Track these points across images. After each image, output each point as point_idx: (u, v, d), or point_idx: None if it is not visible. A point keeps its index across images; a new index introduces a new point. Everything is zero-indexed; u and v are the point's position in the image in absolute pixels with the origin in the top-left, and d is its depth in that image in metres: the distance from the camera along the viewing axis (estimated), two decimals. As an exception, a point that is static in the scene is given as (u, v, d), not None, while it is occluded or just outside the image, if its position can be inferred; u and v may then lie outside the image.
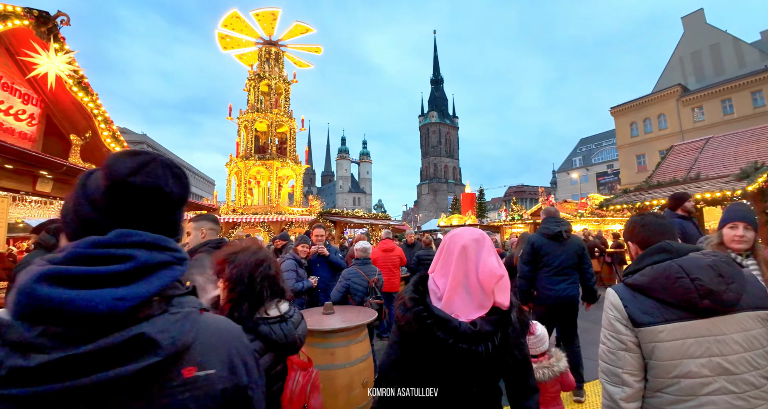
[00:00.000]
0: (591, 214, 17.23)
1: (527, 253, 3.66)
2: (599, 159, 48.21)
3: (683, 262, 1.28)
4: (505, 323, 1.16)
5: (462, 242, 1.22)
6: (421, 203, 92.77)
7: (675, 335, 1.23)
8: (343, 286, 3.95)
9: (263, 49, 17.80)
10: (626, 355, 1.30)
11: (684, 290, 1.22)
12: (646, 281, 1.31)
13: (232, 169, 16.44)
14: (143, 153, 0.72)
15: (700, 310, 1.21)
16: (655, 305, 1.28)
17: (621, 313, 1.33)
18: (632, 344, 1.30)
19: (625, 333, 1.31)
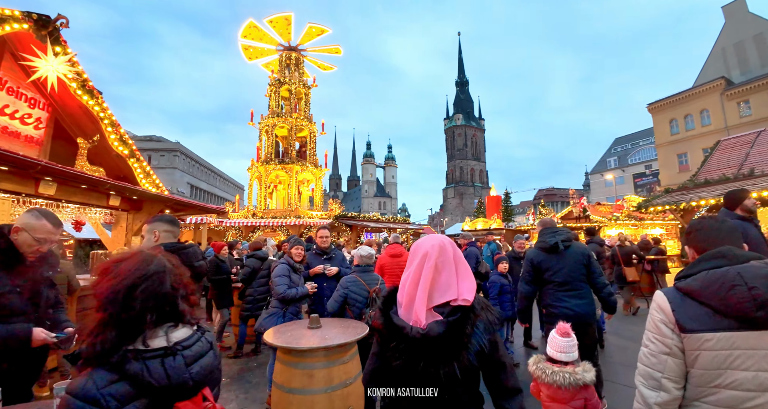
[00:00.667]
0: (628, 217, 16.02)
1: (527, 271, 3.40)
2: (636, 159, 45.47)
3: (742, 269, 1.23)
4: (461, 324, 1.17)
5: (419, 250, 1.30)
6: (447, 207, 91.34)
7: (722, 344, 1.19)
8: (340, 295, 3.53)
9: (284, 55, 17.95)
10: (669, 359, 1.28)
11: (738, 299, 1.18)
12: (699, 286, 1.27)
13: (253, 174, 16.57)
14: None
15: (752, 321, 1.17)
16: (705, 312, 1.24)
17: (668, 316, 1.31)
18: (677, 349, 1.27)
19: (671, 337, 1.29)
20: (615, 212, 17.02)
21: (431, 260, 1.26)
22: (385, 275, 5.25)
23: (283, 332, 2.85)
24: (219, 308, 5.72)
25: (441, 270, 1.26)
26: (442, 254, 1.28)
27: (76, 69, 5.28)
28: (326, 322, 3.06)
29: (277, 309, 3.78)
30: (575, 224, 17.40)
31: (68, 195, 5.47)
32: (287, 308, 3.79)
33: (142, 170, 6.75)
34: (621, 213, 16.48)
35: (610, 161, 48.92)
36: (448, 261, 1.28)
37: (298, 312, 3.91)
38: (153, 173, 7.05)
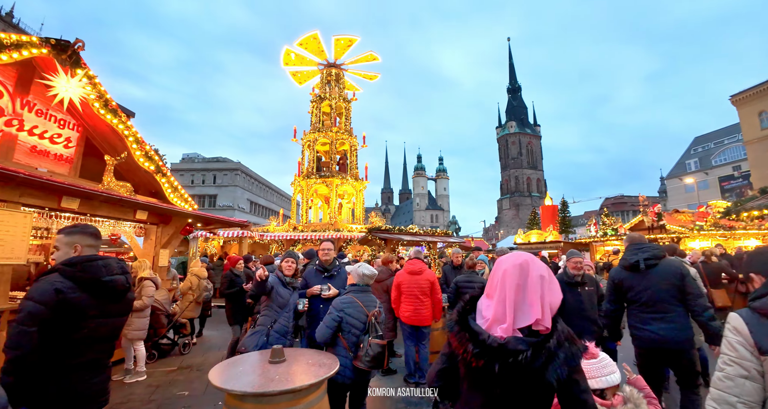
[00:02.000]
0: (714, 226, 13.59)
1: (609, 289, 3.21)
2: (721, 160, 39.85)
3: None
4: (543, 346, 1.15)
5: (504, 266, 1.28)
6: (502, 219, 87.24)
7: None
8: (333, 320, 2.95)
9: (325, 71, 18.28)
10: (746, 383, 1.24)
11: None
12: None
13: (296, 189, 16.81)
14: None
15: None
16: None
17: (747, 339, 1.28)
18: (756, 372, 1.24)
19: (750, 359, 1.25)
20: (698, 221, 14.59)
21: (513, 279, 1.24)
22: (403, 295, 4.61)
23: (234, 366, 2.36)
24: (231, 324, 5.43)
25: (523, 291, 1.23)
26: (522, 274, 1.25)
27: (98, 89, 5.43)
28: (292, 355, 2.53)
29: (261, 327, 3.34)
30: (648, 235, 15.20)
31: (93, 209, 5.62)
32: (272, 326, 3.32)
33: (170, 185, 6.86)
34: (705, 222, 14.07)
35: (689, 164, 43.40)
36: (530, 282, 1.24)
37: (286, 333, 3.41)
38: (181, 188, 7.16)
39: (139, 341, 5.25)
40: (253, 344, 3.19)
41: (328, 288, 3.62)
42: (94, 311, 1.85)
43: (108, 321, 1.94)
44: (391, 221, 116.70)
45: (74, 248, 1.94)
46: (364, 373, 2.85)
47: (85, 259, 1.89)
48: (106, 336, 1.95)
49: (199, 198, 56.49)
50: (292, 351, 2.64)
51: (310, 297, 3.72)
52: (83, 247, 1.96)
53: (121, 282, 1.96)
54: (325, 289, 3.62)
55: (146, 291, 5.14)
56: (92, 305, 1.85)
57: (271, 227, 16.52)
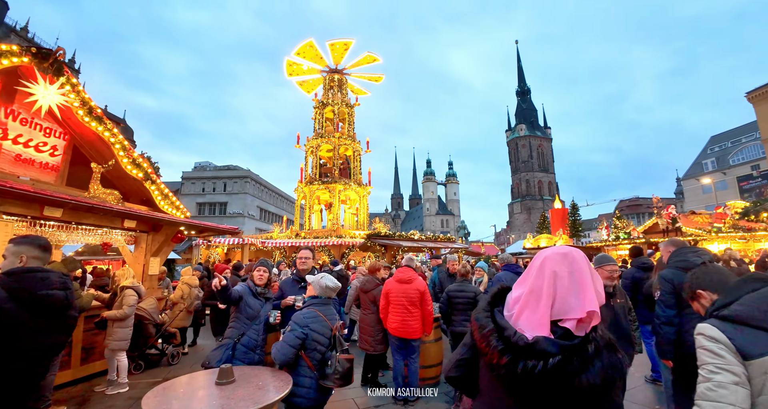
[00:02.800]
0: (733, 228, 12.94)
1: (667, 292, 2.99)
2: (739, 159, 38.48)
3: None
4: (576, 352, 1.00)
5: (544, 255, 1.16)
6: (514, 223, 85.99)
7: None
8: (297, 337, 2.60)
9: (327, 78, 18.27)
10: (740, 389, 1.18)
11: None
12: (747, 309, 1.27)
13: (299, 195, 16.72)
14: None
15: None
16: (761, 334, 1.22)
17: (728, 345, 1.23)
18: (745, 377, 1.19)
19: (738, 364, 1.20)
20: (715, 223, 13.93)
21: (554, 266, 1.11)
22: (391, 305, 4.35)
23: (173, 390, 2.13)
24: (215, 334, 5.23)
25: (567, 282, 1.09)
26: (566, 262, 1.11)
27: (82, 97, 5.36)
28: (245, 375, 2.28)
29: (227, 340, 3.12)
30: (662, 238, 14.60)
31: (78, 218, 5.52)
32: (239, 340, 3.10)
33: (160, 192, 6.75)
34: (723, 224, 13.41)
35: (706, 164, 42.06)
36: (577, 272, 1.09)
37: (255, 347, 3.18)
38: (172, 196, 7.05)
39: (121, 351, 5.11)
40: (216, 359, 2.97)
41: (302, 299, 3.37)
42: (25, 323, 1.75)
43: (41, 336, 1.83)
44: (401, 227, 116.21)
45: (20, 258, 1.94)
46: (327, 392, 2.61)
47: (24, 270, 1.86)
48: (40, 350, 1.85)
49: (210, 206, 57.27)
50: (248, 370, 2.41)
51: (284, 309, 3.49)
52: (29, 258, 1.96)
53: (59, 298, 1.89)
54: (299, 300, 3.37)
55: (127, 300, 4.99)
56: (23, 317, 1.75)
57: (274, 233, 16.44)
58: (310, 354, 2.64)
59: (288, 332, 2.64)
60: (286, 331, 2.67)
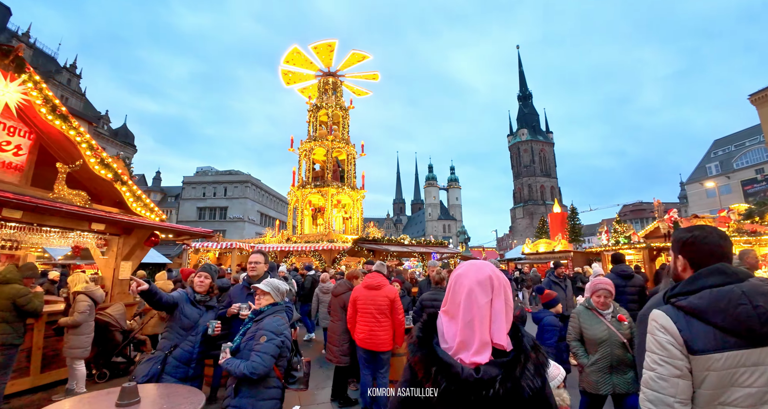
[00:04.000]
0: (737, 232, 12.50)
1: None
2: (743, 163, 37.90)
3: (745, 287, 1.25)
4: (515, 365, 1.06)
5: (468, 283, 1.13)
6: (516, 228, 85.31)
7: (729, 363, 1.20)
8: (277, 346, 2.50)
9: (321, 81, 18.09)
10: (680, 381, 1.25)
11: (745, 317, 1.20)
12: (704, 304, 1.26)
13: (291, 199, 16.45)
14: None
15: (758, 337, 1.19)
16: (712, 331, 1.23)
17: (676, 337, 1.27)
18: (687, 370, 1.25)
19: (681, 358, 1.25)
20: (719, 227, 13.50)
21: (481, 298, 1.10)
22: (358, 313, 4.01)
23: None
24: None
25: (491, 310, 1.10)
26: (488, 291, 1.11)
27: (45, 94, 5.13)
28: (150, 395, 1.96)
29: (159, 353, 2.81)
30: (663, 243, 14.17)
31: (41, 219, 5.26)
32: (171, 352, 2.78)
33: (132, 194, 6.48)
34: (728, 227, 12.97)
35: (710, 167, 41.46)
36: (497, 299, 1.12)
37: (189, 360, 2.86)
38: (145, 197, 6.77)
39: (78, 359, 4.82)
40: (143, 374, 2.65)
41: (248, 307, 3.05)
42: None
43: None
44: (403, 232, 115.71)
45: None
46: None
47: None
48: None
49: (211, 210, 57.21)
50: (161, 389, 2.10)
51: (230, 319, 3.16)
52: None
53: None
54: (244, 308, 3.05)
55: (78, 306, 4.69)
56: None
57: (266, 238, 16.15)
58: (280, 362, 2.57)
59: (267, 343, 2.49)
60: (252, 343, 2.53)
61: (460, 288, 1.14)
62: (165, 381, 2.68)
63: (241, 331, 2.70)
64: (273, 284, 2.75)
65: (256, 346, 2.52)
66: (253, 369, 2.40)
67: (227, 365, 2.45)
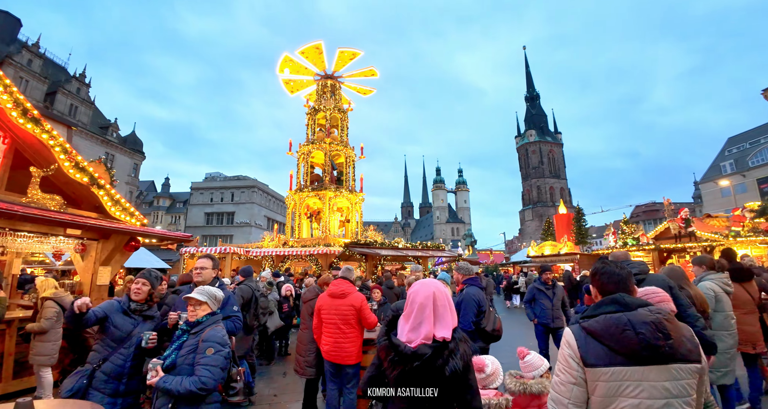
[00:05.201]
0: (753, 231, 11.88)
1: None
2: (758, 161, 36.59)
3: (631, 316, 1.49)
4: (443, 349, 1.55)
5: (417, 298, 1.68)
6: (525, 231, 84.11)
7: (616, 377, 1.44)
8: (225, 357, 2.40)
9: (320, 83, 17.95)
10: (575, 388, 1.53)
11: (629, 341, 1.44)
12: (599, 328, 1.52)
13: (290, 203, 16.28)
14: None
15: (640, 358, 1.42)
16: (604, 350, 1.48)
17: (575, 352, 1.55)
18: (581, 379, 1.52)
19: (577, 369, 1.53)
20: (733, 226, 12.85)
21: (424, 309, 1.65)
22: (323, 324, 3.72)
23: None
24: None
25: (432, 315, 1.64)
26: (437, 299, 1.67)
27: (15, 97, 5.01)
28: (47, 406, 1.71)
29: (87, 366, 2.59)
30: (675, 244, 13.58)
31: (13, 224, 5.12)
32: (100, 366, 2.54)
33: (110, 198, 6.32)
34: (742, 227, 12.34)
35: (724, 166, 40.22)
36: (439, 306, 1.66)
37: (120, 375, 2.62)
38: (125, 201, 6.62)
39: (45, 367, 4.65)
40: (67, 389, 2.42)
41: (180, 314, 2.80)
42: None
43: None
44: (412, 236, 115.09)
45: None
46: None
47: None
48: None
49: (218, 216, 57.70)
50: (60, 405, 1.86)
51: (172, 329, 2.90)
52: None
53: None
54: (183, 317, 2.79)
55: (45, 312, 4.51)
56: None
57: (265, 242, 15.98)
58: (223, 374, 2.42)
59: (215, 355, 2.36)
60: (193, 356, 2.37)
61: (412, 301, 1.68)
62: (92, 396, 2.48)
63: (175, 345, 2.45)
64: (209, 292, 2.50)
65: (202, 359, 2.33)
66: (202, 384, 2.22)
67: (165, 384, 2.21)
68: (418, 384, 1.54)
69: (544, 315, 5.82)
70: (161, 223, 59.77)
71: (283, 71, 17.79)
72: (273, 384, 6.12)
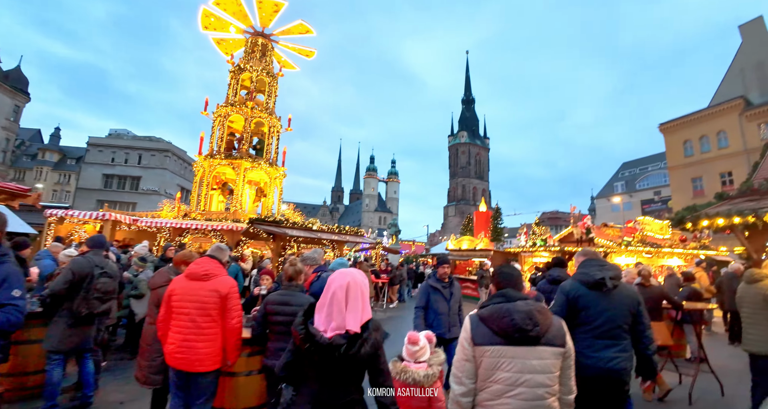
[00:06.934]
0: (641, 243, 13.22)
1: (559, 304, 2.74)
2: (644, 185, 43.15)
3: (511, 306, 1.84)
4: (357, 339, 1.68)
5: (333, 286, 1.78)
6: (447, 226, 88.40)
7: (495, 354, 1.79)
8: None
9: (249, 41, 15.83)
10: (466, 364, 1.85)
11: (506, 325, 1.80)
12: (487, 314, 1.88)
13: (197, 170, 14.21)
14: None
15: (513, 339, 1.78)
16: (489, 332, 1.83)
17: (468, 334, 1.88)
18: (471, 357, 1.84)
19: (468, 348, 1.85)
20: (625, 236, 14.23)
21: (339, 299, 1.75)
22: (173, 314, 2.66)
23: None
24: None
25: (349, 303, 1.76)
26: (350, 290, 1.77)
27: None
28: None
29: None
30: (575, 247, 14.62)
31: None
32: None
33: None
34: (633, 238, 13.70)
35: (617, 186, 46.53)
36: (351, 296, 1.77)
37: None
38: None
39: None
40: None
41: None
42: None
43: None
44: (339, 221, 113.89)
45: None
46: None
47: None
48: None
49: (120, 179, 50.37)
50: None
51: None
52: None
53: None
54: None
55: None
56: None
57: (163, 212, 13.79)
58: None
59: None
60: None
61: (328, 289, 1.79)
62: None
63: None
64: None
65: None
66: None
67: None
68: (331, 369, 1.68)
69: (438, 323, 4.38)
70: (45, 180, 50.47)
71: (206, 28, 15.36)
72: (125, 387, 4.83)
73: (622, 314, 2.62)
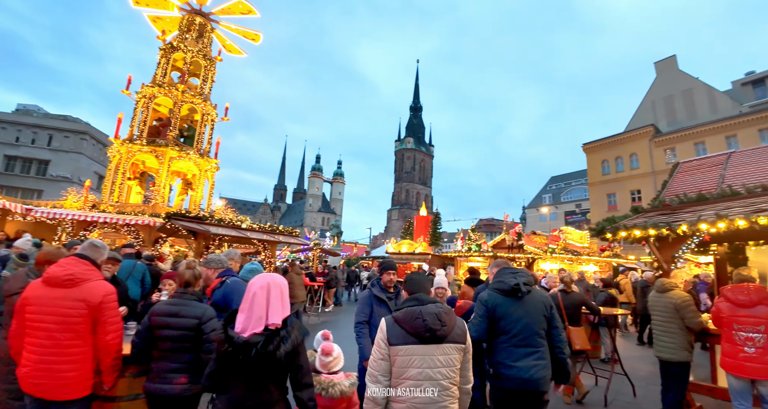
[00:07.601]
0: (564, 250, 14.27)
1: (479, 315, 2.78)
2: (568, 198, 47.58)
3: (422, 308, 2.01)
4: (274, 336, 1.77)
5: (254, 288, 1.87)
6: (390, 229, 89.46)
7: (408, 352, 1.94)
8: None
9: (185, 18, 14.47)
10: (382, 362, 1.98)
11: (418, 326, 1.95)
12: (401, 316, 2.03)
13: (113, 156, 12.58)
14: None
15: (424, 338, 1.94)
16: (402, 332, 1.98)
17: (384, 335, 2.01)
18: (387, 355, 1.98)
19: (384, 348, 1.99)
20: (551, 244, 15.29)
21: (260, 299, 1.84)
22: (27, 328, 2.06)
23: None
24: None
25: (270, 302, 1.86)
26: (271, 290, 1.88)
27: None
28: None
29: None
30: (507, 253, 15.38)
31: None
32: None
33: None
34: (557, 246, 14.75)
35: (545, 198, 50.67)
36: (272, 296, 1.87)
37: None
38: None
39: None
40: None
41: None
42: None
43: None
44: (281, 220, 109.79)
45: None
46: None
47: None
48: None
49: (25, 162, 43.49)
50: None
51: None
52: None
53: None
54: None
55: None
56: None
57: (67, 202, 11.96)
58: None
59: None
60: None
61: (249, 292, 1.87)
62: None
63: None
64: None
65: None
66: None
67: None
68: (252, 370, 1.73)
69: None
70: (-73, 159, 41.95)
71: (139, 4, 13.78)
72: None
73: (537, 320, 2.67)
